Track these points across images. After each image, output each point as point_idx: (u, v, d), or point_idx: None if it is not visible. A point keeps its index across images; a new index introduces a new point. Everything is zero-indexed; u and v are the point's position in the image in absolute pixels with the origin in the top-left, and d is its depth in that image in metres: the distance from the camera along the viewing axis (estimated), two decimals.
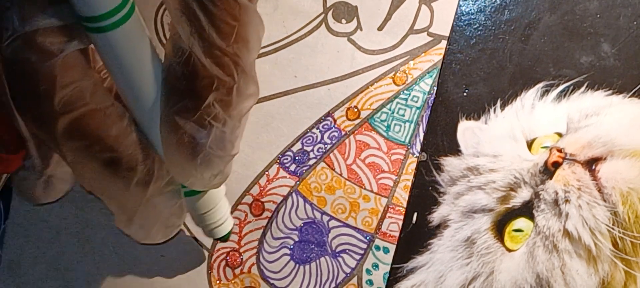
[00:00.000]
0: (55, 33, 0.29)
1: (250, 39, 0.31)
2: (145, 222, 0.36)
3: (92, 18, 0.29)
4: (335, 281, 0.45)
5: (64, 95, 0.30)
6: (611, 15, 0.43)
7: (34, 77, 0.29)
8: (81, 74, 0.31)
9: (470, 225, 0.43)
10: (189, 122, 0.32)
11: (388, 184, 0.44)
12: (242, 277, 0.45)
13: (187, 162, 0.33)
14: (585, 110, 0.43)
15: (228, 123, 0.33)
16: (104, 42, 0.30)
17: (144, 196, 0.34)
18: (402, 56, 0.44)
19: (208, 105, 0.31)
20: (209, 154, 0.33)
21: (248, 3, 0.31)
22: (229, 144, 0.34)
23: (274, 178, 0.45)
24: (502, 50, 0.43)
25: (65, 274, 0.46)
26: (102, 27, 0.29)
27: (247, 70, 0.32)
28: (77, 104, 0.30)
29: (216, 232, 0.41)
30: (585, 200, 0.42)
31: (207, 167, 0.34)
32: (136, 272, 0.46)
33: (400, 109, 0.44)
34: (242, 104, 0.33)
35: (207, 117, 0.32)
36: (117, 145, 0.32)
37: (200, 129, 0.32)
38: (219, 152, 0.33)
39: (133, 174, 0.33)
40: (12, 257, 0.46)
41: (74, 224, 0.46)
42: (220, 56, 0.31)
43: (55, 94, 0.30)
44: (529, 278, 0.43)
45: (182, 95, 0.31)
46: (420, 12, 0.44)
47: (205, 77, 0.31)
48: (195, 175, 0.34)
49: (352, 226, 0.44)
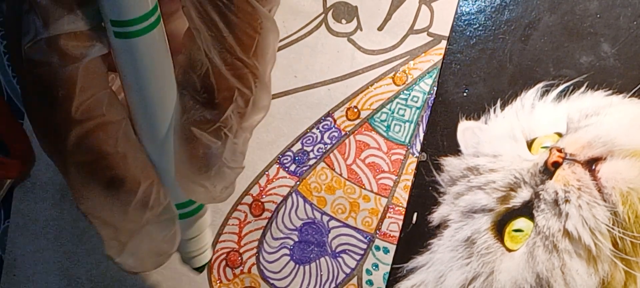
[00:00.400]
0: (79, 36, 0.28)
1: (268, 51, 0.31)
2: (138, 250, 0.35)
3: (121, 22, 0.28)
4: (335, 281, 0.45)
5: (82, 102, 0.29)
6: (611, 15, 0.43)
7: (53, 81, 0.28)
8: (101, 83, 0.30)
9: (470, 225, 0.43)
10: (205, 134, 0.31)
11: (388, 184, 0.44)
12: (242, 277, 0.45)
13: (200, 174, 0.33)
14: (585, 110, 0.43)
15: (240, 134, 0.33)
16: (127, 48, 0.29)
17: (140, 221, 0.33)
18: (402, 56, 0.44)
19: (227, 118, 0.31)
20: (222, 166, 0.33)
21: (268, 14, 0.31)
22: (241, 156, 0.34)
23: (274, 179, 0.45)
24: (502, 50, 0.43)
25: (67, 274, 0.46)
26: (129, 32, 0.29)
27: (265, 82, 0.32)
28: (94, 113, 0.30)
29: (196, 261, 0.39)
30: (585, 200, 0.42)
31: (221, 179, 0.34)
32: None
33: (400, 109, 0.44)
34: (256, 115, 0.33)
35: (224, 129, 0.31)
36: (122, 163, 0.31)
37: (216, 141, 0.32)
38: (232, 163, 0.33)
39: (133, 197, 0.32)
40: (14, 256, 0.46)
41: (75, 224, 0.46)
42: (240, 68, 0.30)
43: (73, 100, 0.29)
44: (529, 278, 0.43)
45: (201, 107, 0.31)
46: (420, 12, 0.44)
47: (225, 89, 0.31)
48: (208, 187, 0.34)
49: (352, 226, 0.44)
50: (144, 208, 0.33)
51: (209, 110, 0.31)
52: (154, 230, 0.35)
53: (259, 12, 0.30)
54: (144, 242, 0.35)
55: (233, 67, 0.30)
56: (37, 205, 0.46)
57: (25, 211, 0.46)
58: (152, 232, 0.35)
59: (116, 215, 0.33)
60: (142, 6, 0.29)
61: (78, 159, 0.31)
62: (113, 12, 0.28)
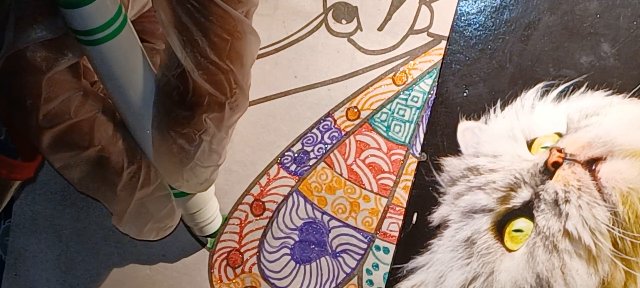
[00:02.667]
0: (48, 46, 0.29)
1: (244, 54, 0.31)
2: (136, 222, 0.37)
3: (85, 32, 0.29)
4: (335, 281, 0.45)
5: (48, 110, 0.30)
6: (611, 15, 0.43)
7: (21, 91, 0.30)
8: (67, 88, 0.31)
9: (470, 226, 0.43)
10: (180, 135, 0.32)
11: (388, 184, 0.44)
12: (243, 276, 0.45)
13: (175, 169, 0.34)
14: (585, 110, 0.43)
15: (216, 136, 0.33)
16: (96, 55, 0.30)
17: (131, 199, 0.35)
18: (402, 56, 0.44)
19: (198, 121, 0.32)
20: (195, 165, 0.34)
21: (242, 17, 0.31)
22: (216, 155, 0.35)
23: (275, 178, 0.45)
24: (502, 50, 0.43)
25: (68, 273, 0.46)
26: (94, 40, 0.29)
27: (240, 85, 0.32)
28: (61, 118, 0.31)
29: (205, 230, 0.42)
30: (585, 200, 0.42)
31: (194, 175, 0.35)
32: (137, 272, 0.46)
33: (400, 109, 0.44)
34: (232, 118, 0.33)
35: (197, 132, 0.32)
36: (103, 152, 0.33)
37: (188, 143, 0.32)
38: (205, 162, 0.34)
39: (119, 179, 0.34)
40: (15, 256, 0.46)
41: (75, 224, 0.46)
42: (214, 71, 0.30)
43: (39, 109, 0.30)
44: (529, 278, 0.43)
45: (175, 108, 0.32)
46: (420, 12, 0.44)
47: (197, 93, 0.31)
48: (182, 181, 0.35)
49: (353, 226, 0.44)
50: (133, 188, 0.34)
51: (183, 111, 0.31)
52: (151, 205, 0.36)
53: (232, 15, 0.30)
54: (141, 215, 0.37)
55: (207, 72, 0.30)
56: (38, 206, 0.46)
57: (27, 211, 0.46)
58: (149, 207, 0.36)
59: (108, 196, 0.35)
60: (104, 14, 0.29)
61: (57, 156, 0.33)
62: (75, 23, 0.29)
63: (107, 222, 0.46)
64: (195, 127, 0.32)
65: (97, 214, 0.46)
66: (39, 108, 0.30)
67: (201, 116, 0.32)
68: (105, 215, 0.46)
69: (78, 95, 0.31)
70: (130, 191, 0.35)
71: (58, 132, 0.31)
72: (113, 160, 0.33)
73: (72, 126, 0.32)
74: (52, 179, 0.46)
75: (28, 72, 0.29)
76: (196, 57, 0.30)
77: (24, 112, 0.30)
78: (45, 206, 0.46)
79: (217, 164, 0.35)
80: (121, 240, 0.46)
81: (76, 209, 0.46)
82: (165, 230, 0.39)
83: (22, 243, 0.46)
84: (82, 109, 0.32)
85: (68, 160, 0.33)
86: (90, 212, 0.46)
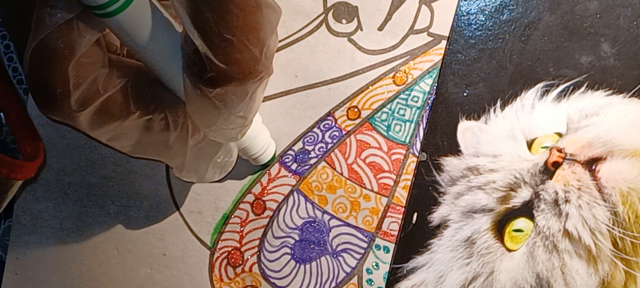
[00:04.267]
0: (66, 32, 0.30)
1: (260, 28, 0.30)
2: (197, 168, 0.38)
3: (99, 6, 0.29)
4: (335, 280, 0.45)
5: (79, 94, 0.31)
6: (611, 15, 0.43)
7: (49, 81, 0.30)
8: (93, 68, 0.31)
9: (470, 225, 0.43)
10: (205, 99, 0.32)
11: (388, 184, 0.44)
12: (243, 276, 0.45)
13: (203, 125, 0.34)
14: (585, 110, 0.43)
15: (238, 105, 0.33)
16: (115, 25, 0.30)
17: (186, 148, 0.36)
18: (402, 56, 0.44)
19: (218, 93, 0.31)
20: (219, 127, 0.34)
21: None
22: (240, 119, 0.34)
23: (276, 177, 0.45)
24: (502, 50, 0.43)
25: (68, 273, 0.46)
26: (110, 11, 0.29)
27: (257, 58, 0.31)
28: (93, 98, 0.32)
29: (260, 160, 0.43)
30: (585, 200, 0.42)
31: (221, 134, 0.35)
32: (138, 271, 0.46)
33: (401, 109, 0.44)
34: (253, 87, 0.32)
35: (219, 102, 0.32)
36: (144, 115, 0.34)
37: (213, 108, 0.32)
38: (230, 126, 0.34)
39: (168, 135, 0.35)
40: (15, 255, 0.46)
41: (76, 224, 0.46)
42: (227, 50, 0.30)
43: (71, 95, 0.31)
44: (529, 278, 0.43)
45: (196, 80, 0.31)
46: (420, 12, 0.44)
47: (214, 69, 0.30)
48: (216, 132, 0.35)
49: (353, 225, 0.45)
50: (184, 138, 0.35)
51: (203, 84, 0.31)
52: (206, 149, 0.37)
53: None
54: (200, 160, 0.38)
55: (220, 51, 0.30)
56: (38, 205, 0.46)
57: (27, 211, 0.46)
58: (205, 150, 0.37)
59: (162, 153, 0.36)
60: None
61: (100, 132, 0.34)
62: (88, 0, 0.29)
63: (107, 221, 0.46)
64: (216, 97, 0.31)
65: (97, 214, 0.46)
66: (69, 94, 0.31)
67: (221, 89, 0.31)
68: (107, 214, 0.46)
69: (104, 71, 0.32)
70: (182, 142, 0.35)
71: (93, 111, 0.32)
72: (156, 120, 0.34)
73: (105, 102, 0.32)
74: (53, 179, 0.46)
75: (53, 60, 0.30)
76: (208, 36, 0.29)
77: (56, 101, 0.31)
78: (46, 206, 0.46)
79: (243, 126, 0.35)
80: (122, 239, 0.46)
81: (77, 209, 0.46)
82: (227, 168, 0.40)
83: (22, 242, 0.46)
84: (110, 82, 0.32)
85: (112, 132, 0.34)
86: (91, 212, 0.46)
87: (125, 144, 0.35)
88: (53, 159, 0.46)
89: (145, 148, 0.36)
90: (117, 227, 0.46)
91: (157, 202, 0.46)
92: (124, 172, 0.46)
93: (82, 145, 0.46)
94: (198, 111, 0.33)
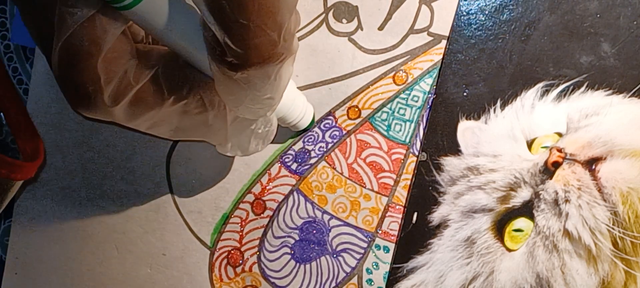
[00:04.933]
0: (89, 29, 0.29)
1: (276, 11, 0.30)
2: (239, 142, 0.38)
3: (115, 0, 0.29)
4: (335, 280, 0.45)
5: (111, 90, 0.31)
6: (611, 15, 0.43)
7: (80, 80, 0.30)
8: (122, 62, 0.31)
9: (470, 225, 0.43)
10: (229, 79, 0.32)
11: (389, 183, 0.44)
12: (243, 275, 0.45)
13: (232, 105, 0.34)
14: (585, 110, 0.43)
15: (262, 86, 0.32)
16: (135, 16, 0.30)
17: (226, 124, 0.36)
18: (402, 56, 0.44)
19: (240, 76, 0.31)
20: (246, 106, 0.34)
21: None
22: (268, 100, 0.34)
23: (276, 177, 0.45)
24: (502, 50, 0.43)
25: (68, 273, 0.46)
26: (128, 4, 0.29)
27: (275, 41, 0.30)
28: (126, 91, 0.32)
29: (299, 126, 0.43)
30: (585, 200, 0.42)
31: (250, 112, 0.35)
32: (138, 271, 0.46)
33: (401, 109, 0.44)
34: (275, 68, 0.32)
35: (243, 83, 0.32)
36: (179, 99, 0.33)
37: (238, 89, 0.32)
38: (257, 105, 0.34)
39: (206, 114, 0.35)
40: (15, 255, 0.46)
41: (76, 223, 0.46)
42: (243, 35, 0.29)
43: (103, 92, 0.31)
44: (529, 278, 0.43)
45: (218, 63, 0.31)
46: (420, 12, 0.44)
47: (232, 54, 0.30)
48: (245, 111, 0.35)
49: (353, 225, 0.45)
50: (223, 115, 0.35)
51: (224, 67, 0.31)
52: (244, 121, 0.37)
53: None
54: (241, 134, 0.38)
55: (237, 36, 0.29)
56: (38, 204, 0.46)
57: (27, 210, 0.46)
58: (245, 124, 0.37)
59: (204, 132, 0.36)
60: None
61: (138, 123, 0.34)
62: None
63: (107, 220, 0.46)
64: (240, 80, 0.31)
65: (97, 213, 0.46)
66: (102, 91, 0.31)
67: (242, 73, 0.31)
68: (106, 213, 0.46)
69: (133, 62, 0.32)
70: (221, 119, 0.35)
71: (128, 103, 0.32)
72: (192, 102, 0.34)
73: (138, 92, 0.32)
74: (53, 179, 0.46)
75: (81, 59, 0.30)
76: (224, 22, 0.29)
77: (90, 99, 0.31)
78: (46, 206, 0.46)
79: (272, 105, 0.35)
80: (121, 239, 0.46)
81: (77, 209, 0.46)
82: (269, 137, 0.39)
83: (22, 242, 0.46)
84: (141, 73, 0.32)
85: (150, 121, 0.34)
86: (91, 212, 0.46)
87: (165, 130, 0.35)
88: (53, 159, 0.46)
89: (185, 131, 0.36)
90: (117, 227, 0.46)
91: (157, 202, 0.46)
92: (124, 172, 0.46)
93: (82, 145, 0.46)
94: (225, 92, 0.33)
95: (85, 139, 0.46)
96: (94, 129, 0.46)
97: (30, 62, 0.46)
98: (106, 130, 0.45)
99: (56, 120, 0.45)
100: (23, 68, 0.46)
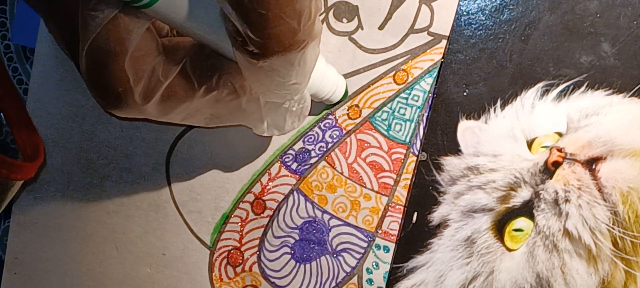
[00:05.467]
0: (113, 30, 0.29)
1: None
2: (275, 122, 0.38)
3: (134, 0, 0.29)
4: (335, 280, 0.45)
5: (141, 89, 0.31)
6: (611, 15, 0.43)
7: (109, 81, 0.31)
8: (149, 60, 0.32)
9: (470, 225, 0.43)
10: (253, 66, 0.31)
11: (389, 183, 0.44)
12: (243, 275, 0.45)
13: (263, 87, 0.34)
14: (585, 109, 0.43)
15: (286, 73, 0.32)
16: (154, 13, 0.30)
17: (259, 106, 0.36)
18: (402, 55, 0.44)
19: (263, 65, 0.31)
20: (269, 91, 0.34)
21: None
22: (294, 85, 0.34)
23: (276, 177, 0.45)
24: (502, 50, 0.43)
25: (67, 273, 0.46)
26: (145, 3, 0.29)
27: (295, 29, 0.30)
28: (156, 88, 0.32)
29: (333, 99, 0.43)
30: (586, 200, 0.42)
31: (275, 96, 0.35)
32: (138, 271, 0.46)
33: (401, 108, 0.44)
34: (298, 55, 0.32)
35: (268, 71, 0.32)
36: (209, 90, 0.34)
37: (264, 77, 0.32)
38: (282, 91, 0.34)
39: (238, 99, 0.35)
40: (14, 255, 0.46)
41: (75, 224, 0.46)
42: (262, 25, 0.29)
43: (133, 91, 0.31)
44: (529, 277, 0.43)
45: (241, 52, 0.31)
46: (420, 11, 0.44)
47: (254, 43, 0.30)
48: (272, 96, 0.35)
49: (353, 225, 0.45)
50: (256, 97, 0.35)
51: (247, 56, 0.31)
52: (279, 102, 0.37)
53: None
54: (278, 114, 0.38)
55: (256, 27, 0.29)
56: (38, 206, 0.46)
57: (26, 210, 0.46)
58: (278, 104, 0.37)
59: (239, 117, 0.36)
60: None
61: (172, 117, 0.34)
62: None
63: (107, 220, 0.46)
64: (264, 68, 0.31)
65: (97, 213, 0.46)
66: (132, 90, 0.31)
67: (264, 62, 0.31)
68: (106, 213, 0.46)
69: (160, 58, 0.32)
70: (254, 102, 0.35)
71: (159, 99, 0.32)
72: (223, 91, 0.34)
73: (168, 88, 0.32)
74: (53, 179, 0.46)
75: (108, 61, 0.30)
76: (243, 12, 0.29)
77: (120, 100, 0.31)
78: (45, 206, 0.46)
79: (298, 90, 0.35)
80: (121, 239, 0.46)
81: (76, 209, 0.46)
82: (304, 113, 0.39)
83: (21, 242, 0.46)
84: (169, 68, 0.32)
85: (183, 113, 0.34)
86: (90, 212, 0.46)
87: (200, 119, 0.36)
88: (53, 159, 0.46)
89: (220, 117, 0.36)
90: (117, 227, 0.46)
91: (157, 202, 0.46)
92: (124, 172, 0.46)
93: (82, 145, 0.46)
94: (252, 78, 0.33)
95: (85, 139, 0.46)
96: (94, 129, 0.46)
97: (30, 62, 0.46)
98: (106, 130, 0.45)
99: (56, 120, 0.45)
100: (23, 68, 0.46)
